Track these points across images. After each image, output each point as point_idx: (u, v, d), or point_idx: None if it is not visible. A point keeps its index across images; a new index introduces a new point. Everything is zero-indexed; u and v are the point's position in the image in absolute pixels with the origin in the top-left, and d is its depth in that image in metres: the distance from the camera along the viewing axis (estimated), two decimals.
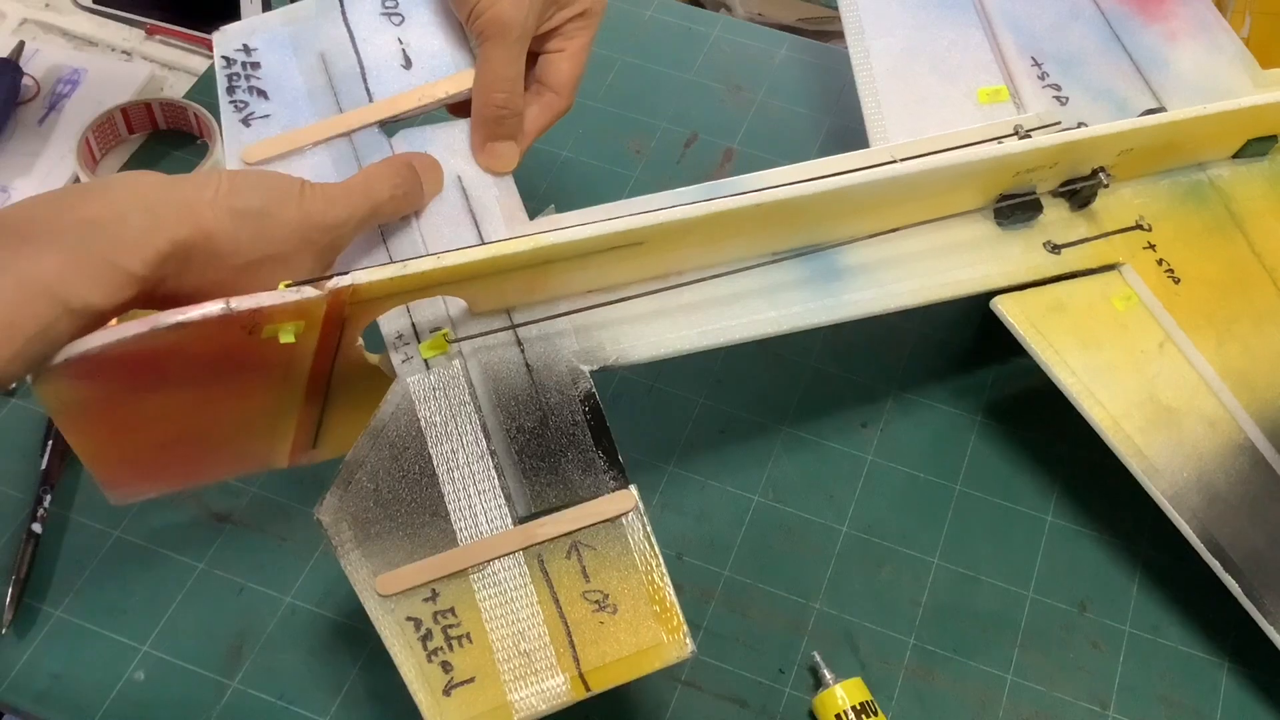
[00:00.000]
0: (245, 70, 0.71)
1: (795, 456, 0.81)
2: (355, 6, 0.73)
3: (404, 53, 0.72)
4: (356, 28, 0.72)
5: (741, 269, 0.68)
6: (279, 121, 0.69)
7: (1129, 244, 0.77)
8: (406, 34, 0.72)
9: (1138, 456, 0.70)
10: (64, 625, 0.71)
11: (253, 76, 0.70)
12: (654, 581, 0.59)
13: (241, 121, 0.69)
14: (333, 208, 0.59)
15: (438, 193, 0.68)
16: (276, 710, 0.69)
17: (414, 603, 0.58)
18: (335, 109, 0.70)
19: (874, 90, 0.80)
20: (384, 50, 0.72)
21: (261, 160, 0.68)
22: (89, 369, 0.52)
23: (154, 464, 0.61)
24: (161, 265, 0.53)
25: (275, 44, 0.72)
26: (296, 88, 0.71)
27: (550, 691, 0.57)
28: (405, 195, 0.65)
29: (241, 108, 0.69)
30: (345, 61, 0.71)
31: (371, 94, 0.70)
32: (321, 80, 0.71)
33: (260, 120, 0.69)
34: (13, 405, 0.80)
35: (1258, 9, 1.00)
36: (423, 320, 0.63)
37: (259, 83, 0.70)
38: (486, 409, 0.62)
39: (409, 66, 0.71)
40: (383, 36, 0.72)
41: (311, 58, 0.71)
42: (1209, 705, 0.72)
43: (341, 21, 0.73)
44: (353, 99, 0.70)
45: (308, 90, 0.70)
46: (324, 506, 0.59)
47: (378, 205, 0.62)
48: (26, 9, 1.02)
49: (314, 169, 0.68)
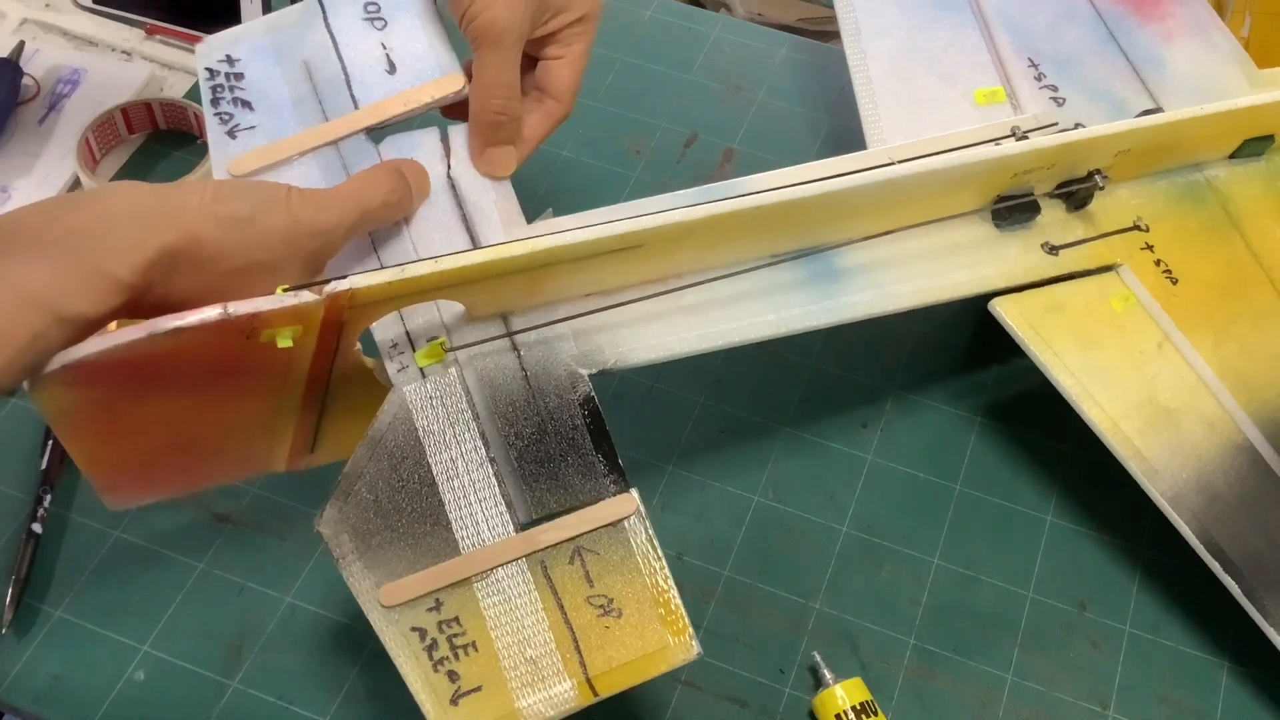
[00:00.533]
0: (229, 81, 0.70)
1: (795, 456, 0.81)
2: (337, 12, 0.73)
3: (388, 57, 0.71)
4: (339, 34, 0.72)
5: (740, 271, 0.68)
6: (265, 132, 0.69)
7: (1127, 245, 0.77)
8: (390, 38, 0.72)
9: (1137, 458, 0.70)
10: (64, 625, 0.71)
11: (237, 87, 0.70)
12: (658, 584, 0.59)
13: (227, 134, 0.69)
14: (321, 214, 0.59)
15: (426, 197, 0.68)
16: (276, 710, 0.69)
17: (418, 613, 0.58)
18: (321, 117, 0.70)
19: (871, 92, 0.80)
20: (367, 56, 0.72)
21: (248, 172, 0.68)
22: (86, 375, 0.52)
23: (151, 469, 0.61)
24: (149, 272, 0.53)
25: (258, 53, 0.72)
26: (281, 97, 0.70)
27: (558, 697, 0.57)
28: (396, 201, 0.65)
29: (226, 120, 0.69)
30: (329, 69, 0.71)
31: (357, 101, 0.70)
32: (306, 89, 0.71)
33: (245, 132, 0.69)
34: (13, 406, 0.80)
35: (1257, 9, 1.00)
36: (417, 328, 0.63)
37: (243, 94, 0.70)
38: (485, 416, 0.62)
39: (393, 71, 0.71)
40: (366, 42, 0.72)
41: (295, 66, 0.71)
42: (1209, 705, 0.72)
43: (324, 28, 0.72)
44: (338, 106, 0.70)
45: (292, 99, 0.70)
46: (324, 518, 0.59)
47: (367, 211, 0.62)
48: (26, 9, 1.02)
49: (301, 179, 0.68)
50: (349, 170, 0.68)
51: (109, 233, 0.52)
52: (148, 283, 0.53)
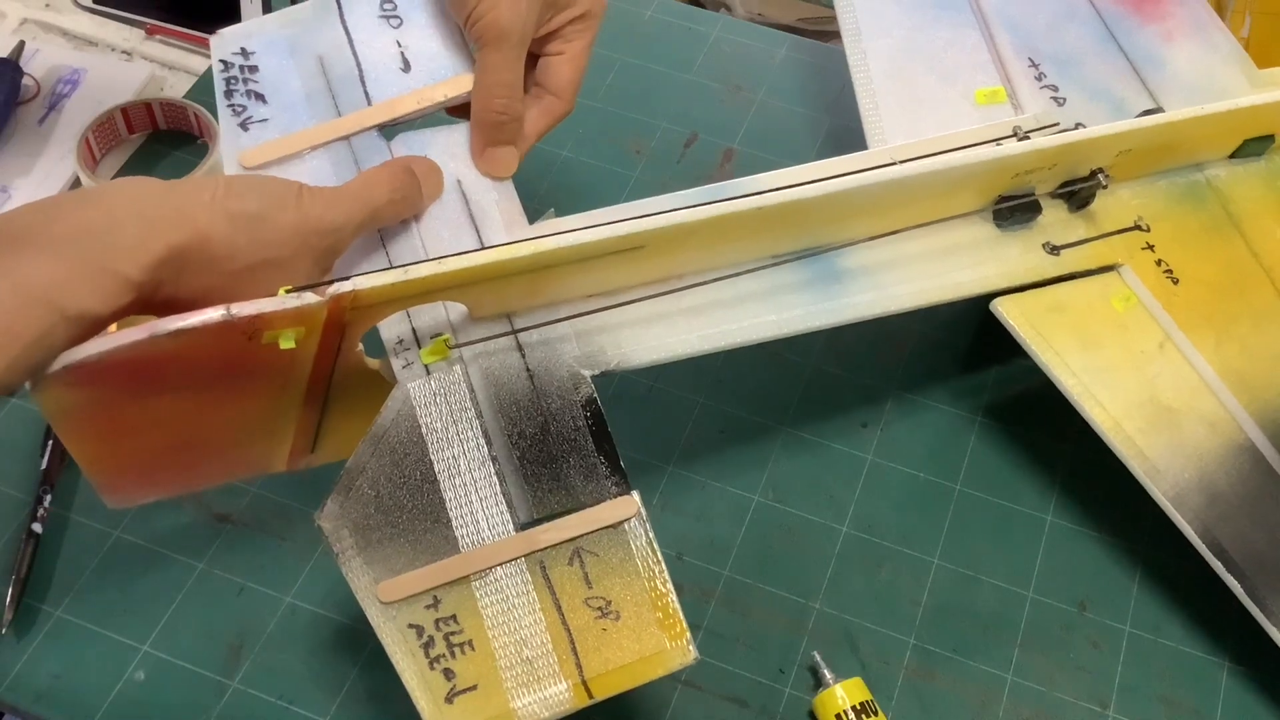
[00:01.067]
0: (243, 74, 0.70)
1: (795, 456, 0.81)
2: (353, 9, 0.73)
3: (402, 55, 0.71)
4: (354, 30, 0.72)
5: (742, 272, 0.68)
6: (277, 125, 0.69)
7: (1128, 245, 0.77)
8: (405, 36, 0.72)
9: (1139, 458, 0.70)
10: (64, 625, 0.71)
11: (250, 80, 0.70)
12: (656, 588, 0.59)
13: (240, 125, 0.69)
14: (330, 211, 0.59)
15: (437, 196, 0.68)
16: (276, 710, 0.69)
17: (416, 610, 0.58)
18: (334, 112, 0.70)
19: (871, 92, 0.80)
20: (382, 53, 0.71)
21: (260, 165, 0.67)
22: (88, 376, 0.52)
23: (152, 469, 0.61)
24: (158, 270, 0.53)
25: (273, 47, 0.72)
26: (294, 91, 0.70)
27: (553, 699, 0.57)
28: (404, 199, 0.65)
29: (239, 112, 0.69)
30: (343, 64, 0.71)
31: (370, 97, 0.70)
32: (319, 83, 0.71)
33: (258, 124, 0.69)
34: (13, 406, 0.80)
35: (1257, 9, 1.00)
36: (423, 326, 0.63)
37: (257, 86, 0.70)
38: (488, 414, 0.62)
39: (407, 69, 0.71)
40: (381, 39, 0.72)
41: (309, 61, 0.71)
42: (1209, 705, 0.72)
43: (339, 24, 0.72)
44: (351, 102, 0.70)
45: (306, 94, 0.70)
46: (325, 513, 0.59)
47: (376, 210, 0.62)
48: (26, 9, 1.02)
49: (312, 173, 0.68)
50: (360, 166, 0.68)
51: (117, 231, 0.52)
52: (157, 281, 0.53)
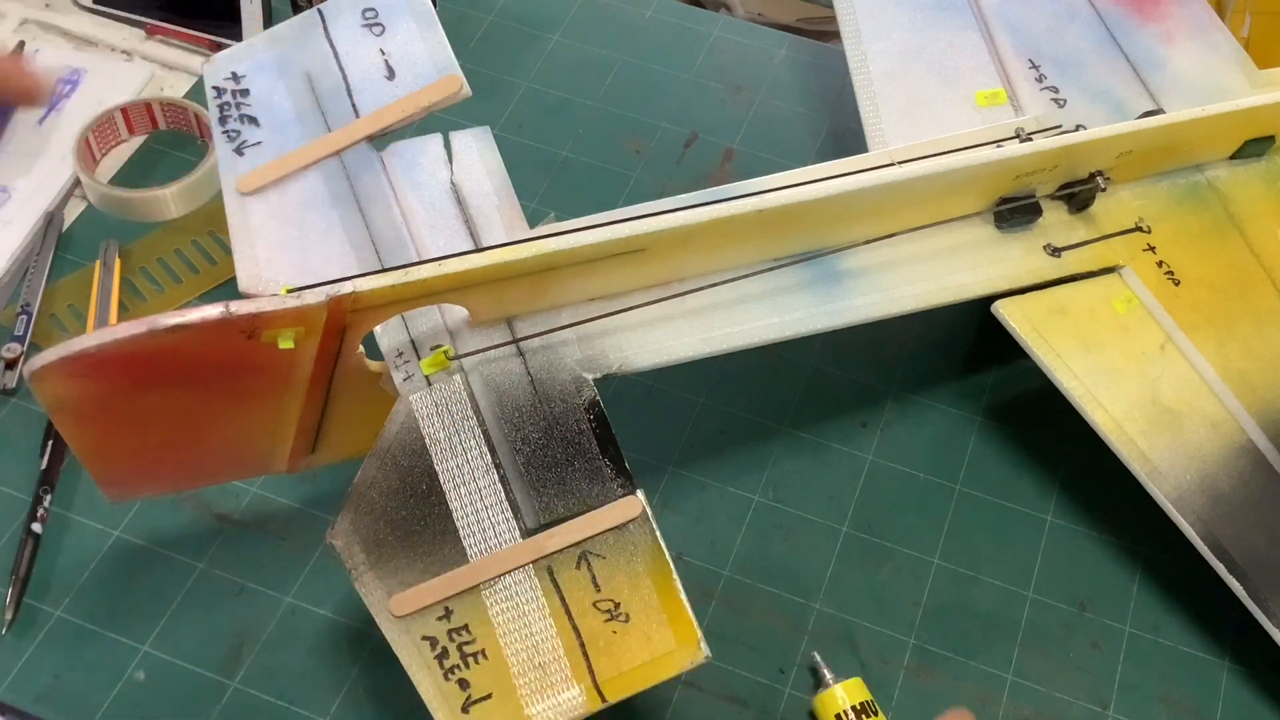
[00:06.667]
0: (235, 99, 0.71)
1: (795, 457, 0.81)
2: (337, 21, 0.74)
3: (386, 64, 0.72)
4: (339, 42, 0.73)
5: (743, 275, 0.68)
6: (271, 147, 0.70)
7: (1129, 246, 0.77)
8: (388, 44, 0.73)
9: (1141, 459, 0.70)
10: (64, 625, 0.71)
11: (243, 104, 0.71)
12: (665, 587, 0.59)
13: (235, 151, 0.70)
14: None
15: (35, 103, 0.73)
16: (277, 710, 0.69)
17: (428, 622, 0.58)
18: (324, 128, 0.71)
19: (872, 93, 0.80)
20: (367, 63, 0.73)
21: (255, 189, 0.69)
22: (86, 368, 0.52)
23: (151, 464, 0.62)
24: None
25: (262, 69, 0.73)
26: (285, 111, 0.71)
27: (567, 704, 0.57)
28: None
29: (234, 137, 0.70)
30: (330, 79, 0.72)
31: (358, 109, 0.71)
32: (309, 101, 0.72)
33: (252, 148, 0.70)
34: (13, 405, 0.80)
35: (1257, 9, 1.00)
36: (421, 335, 0.63)
37: (249, 109, 0.71)
38: (490, 422, 0.62)
39: (392, 77, 0.72)
40: (365, 49, 0.73)
41: (298, 79, 0.72)
42: (1209, 705, 0.72)
43: (324, 38, 0.73)
44: (340, 115, 0.71)
45: (296, 112, 0.71)
46: (336, 530, 0.59)
47: None
48: (26, 9, 1.02)
49: (306, 191, 0.69)
50: (352, 180, 0.69)
51: None
52: None
